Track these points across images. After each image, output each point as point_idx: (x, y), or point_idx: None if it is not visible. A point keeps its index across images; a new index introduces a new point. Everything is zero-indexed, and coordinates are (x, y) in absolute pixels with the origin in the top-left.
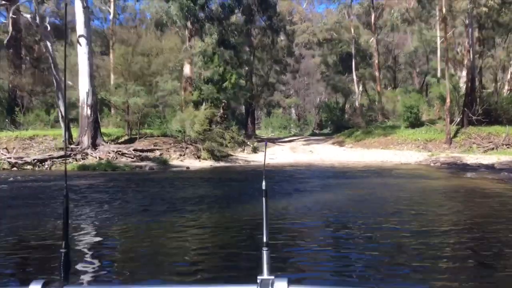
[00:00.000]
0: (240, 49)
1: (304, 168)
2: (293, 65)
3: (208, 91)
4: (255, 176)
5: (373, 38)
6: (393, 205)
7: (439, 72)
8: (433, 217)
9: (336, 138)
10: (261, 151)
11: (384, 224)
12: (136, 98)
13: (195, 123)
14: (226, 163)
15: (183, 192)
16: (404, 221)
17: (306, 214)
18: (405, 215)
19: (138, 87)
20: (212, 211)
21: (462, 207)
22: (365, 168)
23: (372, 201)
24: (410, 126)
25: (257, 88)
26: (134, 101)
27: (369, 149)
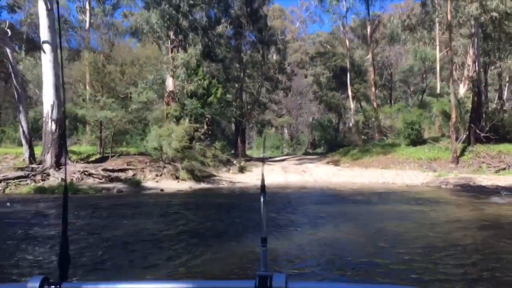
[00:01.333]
0: (230, 65)
1: (296, 190)
2: (285, 82)
3: (192, 106)
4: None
5: (369, 52)
6: (436, 254)
7: (439, 87)
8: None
9: (331, 157)
10: (249, 171)
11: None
12: (106, 112)
13: (173, 140)
14: (208, 185)
15: (146, 222)
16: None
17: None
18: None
19: (109, 100)
20: (186, 262)
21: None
22: (367, 191)
23: (397, 245)
24: (411, 144)
25: (247, 105)
26: (104, 114)
27: (367, 169)
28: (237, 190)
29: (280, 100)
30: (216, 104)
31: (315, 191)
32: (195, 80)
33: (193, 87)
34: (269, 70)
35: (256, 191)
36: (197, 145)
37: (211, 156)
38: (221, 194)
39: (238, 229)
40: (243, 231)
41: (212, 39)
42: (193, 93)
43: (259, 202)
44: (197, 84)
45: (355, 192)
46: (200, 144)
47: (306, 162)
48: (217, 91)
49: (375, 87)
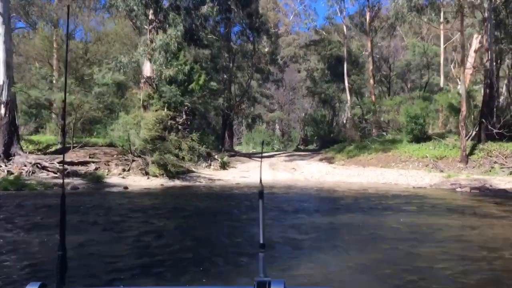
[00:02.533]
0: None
1: (284, 191)
2: (276, 74)
3: (170, 93)
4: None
5: (368, 41)
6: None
7: (442, 80)
8: None
9: (324, 153)
10: (232, 167)
11: None
12: (63, 94)
13: (142, 129)
14: (183, 182)
15: (75, 240)
16: None
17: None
18: None
19: (68, 81)
20: None
21: None
22: (367, 194)
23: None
24: (414, 141)
25: (236, 98)
26: (61, 97)
27: (365, 168)
28: (216, 188)
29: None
30: (198, 92)
31: (306, 192)
32: (174, 65)
33: (172, 72)
34: (260, 60)
35: (238, 190)
36: (171, 136)
37: (187, 149)
38: (195, 194)
39: (218, 258)
40: (229, 261)
41: (196, 21)
42: (172, 79)
43: (241, 205)
44: (177, 69)
45: (354, 194)
46: (176, 135)
47: (297, 159)
48: (200, 77)
49: (374, 78)
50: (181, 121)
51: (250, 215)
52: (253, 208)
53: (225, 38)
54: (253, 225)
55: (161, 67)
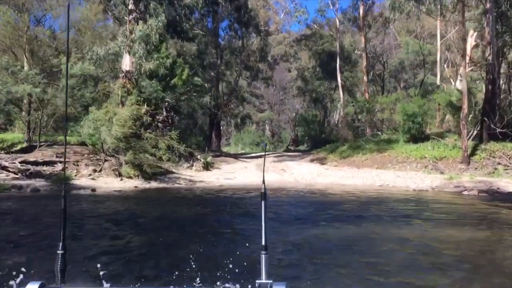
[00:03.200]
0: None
1: (272, 194)
2: (266, 72)
3: (151, 89)
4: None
5: (361, 37)
6: None
7: (439, 78)
8: None
9: (316, 154)
10: (217, 168)
11: None
12: (26, 86)
13: (114, 125)
14: (160, 184)
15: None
16: None
17: None
18: None
19: (32, 71)
20: None
21: None
22: (365, 197)
23: None
24: (412, 140)
25: (223, 96)
26: (23, 90)
27: (359, 169)
28: (196, 191)
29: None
30: (181, 87)
31: (297, 195)
32: (155, 58)
33: (152, 65)
34: (249, 58)
35: (220, 194)
36: (147, 133)
37: (165, 148)
38: (170, 198)
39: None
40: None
41: (180, 12)
42: (153, 74)
43: (221, 212)
44: (158, 62)
45: (351, 198)
46: (155, 133)
47: (287, 159)
48: (183, 72)
49: (367, 75)
50: (161, 118)
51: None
52: (236, 216)
53: (212, 34)
54: (238, 243)
55: (141, 60)
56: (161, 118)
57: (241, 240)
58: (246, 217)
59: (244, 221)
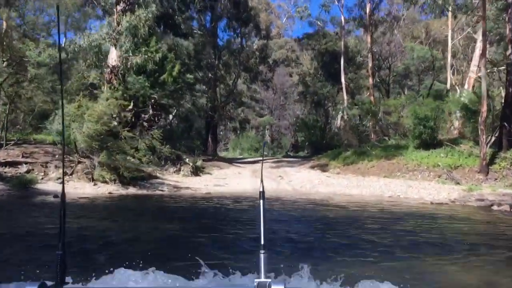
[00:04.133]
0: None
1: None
2: (266, 73)
3: (138, 85)
4: (171, 222)
5: (367, 36)
6: None
7: (449, 81)
8: None
9: (317, 160)
10: (207, 173)
11: None
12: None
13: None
14: (139, 190)
15: None
16: None
17: None
18: None
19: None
20: None
21: None
22: (376, 211)
23: None
24: (423, 147)
25: (220, 98)
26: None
27: (365, 177)
28: (179, 200)
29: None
30: (171, 84)
31: (296, 207)
32: (143, 52)
33: (140, 60)
34: (248, 59)
35: (204, 203)
36: (124, 132)
37: (145, 149)
38: (147, 208)
39: None
40: None
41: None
42: (140, 69)
43: (200, 230)
44: (146, 57)
45: (360, 213)
46: (140, 134)
47: (285, 165)
48: (174, 68)
49: (373, 77)
50: (146, 117)
51: (212, 255)
52: (219, 242)
53: (211, 33)
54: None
55: (127, 53)
56: (147, 116)
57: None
58: (231, 245)
59: (229, 249)
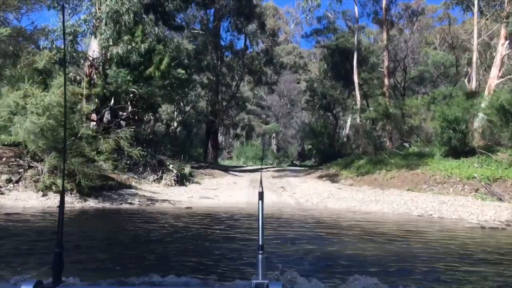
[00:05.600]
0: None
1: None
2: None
3: (119, 79)
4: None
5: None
6: None
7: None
8: None
9: (326, 169)
10: (196, 182)
11: None
12: None
13: (29, 114)
14: (101, 203)
15: None
16: None
17: None
18: None
19: None
20: None
21: None
22: (417, 242)
23: None
24: (452, 155)
25: (222, 102)
26: None
27: (384, 190)
28: (147, 218)
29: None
30: (158, 79)
31: (296, 232)
32: (125, 40)
33: (121, 50)
34: (252, 60)
35: (180, 223)
36: (83, 129)
37: (108, 152)
38: (94, 232)
39: None
40: None
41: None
42: (123, 61)
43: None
44: (129, 47)
45: (392, 247)
46: (116, 134)
47: (289, 175)
48: (162, 62)
49: (389, 77)
50: (125, 114)
51: None
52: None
53: (213, 33)
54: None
55: (107, 42)
56: (125, 114)
57: None
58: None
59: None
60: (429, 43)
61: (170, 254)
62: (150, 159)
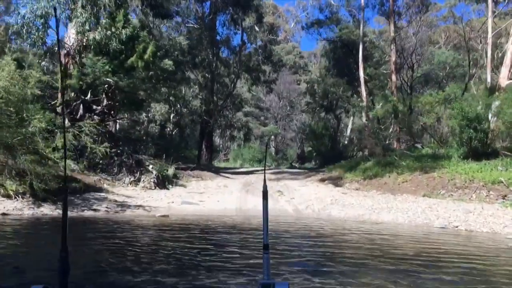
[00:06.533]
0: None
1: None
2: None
3: (96, 69)
4: None
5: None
6: None
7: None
8: None
9: (328, 172)
10: (181, 185)
11: None
12: None
13: None
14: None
15: None
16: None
17: None
18: None
19: None
20: None
21: None
22: (457, 274)
23: None
24: (472, 156)
25: (217, 101)
26: None
27: (396, 195)
28: (107, 229)
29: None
30: (142, 70)
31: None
32: (103, 25)
33: (98, 36)
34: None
35: (146, 237)
36: (35, 121)
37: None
38: (27, 253)
39: None
40: None
41: None
42: (101, 48)
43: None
44: (108, 33)
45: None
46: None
47: (287, 177)
48: (146, 50)
49: (396, 72)
50: (99, 108)
51: None
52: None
53: (208, 27)
54: None
55: (84, 26)
56: (99, 108)
57: None
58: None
59: None
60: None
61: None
62: (127, 159)
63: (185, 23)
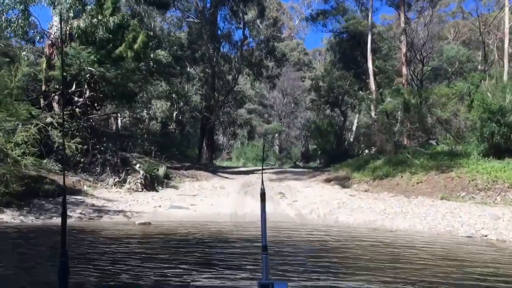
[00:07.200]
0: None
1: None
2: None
3: (81, 59)
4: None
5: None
6: None
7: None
8: None
9: (334, 172)
10: (173, 186)
11: None
12: None
13: None
14: (22, 216)
15: None
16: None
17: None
18: None
19: None
20: None
21: None
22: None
23: None
24: (494, 154)
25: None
26: None
27: (410, 198)
28: (73, 243)
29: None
30: (131, 61)
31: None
32: (88, 11)
33: (83, 23)
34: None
35: (108, 255)
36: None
37: (28, 144)
38: None
39: None
40: None
41: None
42: (87, 36)
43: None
44: (94, 20)
45: None
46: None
47: (290, 177)
48: (136, 39)
49: (407, 65)
50: (81, 100)
51: None
52: None
53: (209, 21)
54: None
55: (68, 12)
56: (81, 100)
57: None
58: None
59: None
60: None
61: None
62: (111, 156)
63: (185, 17)
